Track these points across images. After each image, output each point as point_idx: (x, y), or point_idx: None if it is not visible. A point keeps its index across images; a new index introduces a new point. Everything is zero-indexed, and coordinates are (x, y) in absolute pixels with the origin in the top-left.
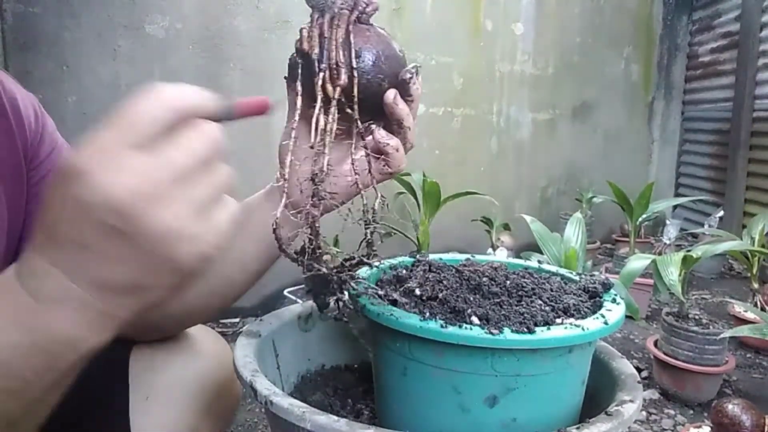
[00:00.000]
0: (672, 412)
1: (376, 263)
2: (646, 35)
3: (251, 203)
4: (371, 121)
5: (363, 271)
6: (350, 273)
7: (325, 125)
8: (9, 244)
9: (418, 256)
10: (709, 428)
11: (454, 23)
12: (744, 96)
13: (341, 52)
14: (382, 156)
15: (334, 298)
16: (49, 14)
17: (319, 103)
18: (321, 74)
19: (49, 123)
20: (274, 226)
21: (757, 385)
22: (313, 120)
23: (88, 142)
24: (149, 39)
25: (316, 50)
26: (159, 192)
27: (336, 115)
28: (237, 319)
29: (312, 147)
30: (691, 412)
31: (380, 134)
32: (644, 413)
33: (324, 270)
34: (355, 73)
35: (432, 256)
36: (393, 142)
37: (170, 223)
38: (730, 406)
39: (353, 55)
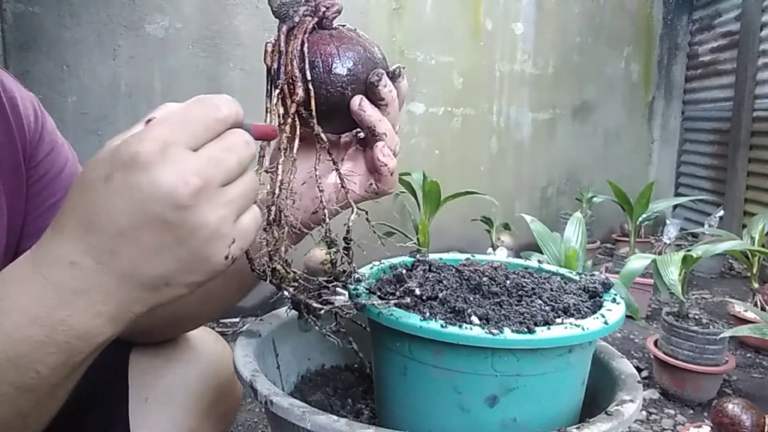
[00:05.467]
0: (672, 411)
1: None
2: (646, 35)
3: None
4: (356, 131)
5: (364, 271)
6: (318, 298)
7: (279, 145)
8: (9, 243)
9: (418, 256)
10: (709, 428)
11: (454, 23)
12: (744, 96)
13: (295, 65)
14: (375, 174)
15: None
16: (49, 14)
17: (279, 120)
18: (276, 90)
19: (49, 122)
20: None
21: (757, 384)
22: (274, 141)
23: (139, 134)
24: (149, 39)
25: (274, 65)
26: (211, 192)
27: (298, 131)
28: (237, 319)
29: (266, 170)
30: (691, 411)
31: (383, 152)
32: (644, 413)
33: (291, 293)
34: (310, 86)
35: (432, 256)
36: (391, 164)
37: (216, 221)
38: (730, 406)
39: (308, 66)
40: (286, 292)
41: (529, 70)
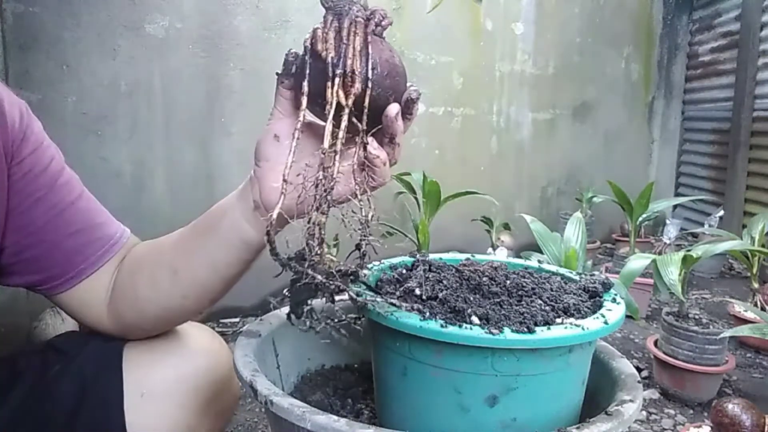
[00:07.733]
0: (672, 411)
1: (368, 268)
2: (646, 35)
3: (223, 206)
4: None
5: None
6: (342, 284)
7: (334, 132)
8: None
9: (418, 256)
10: (709, 428)
11: (454, 23)
12: (744, 96)
13: (358, 61)
14: (368, 167)
15: (308, 308)
16: (49, 14)
17: (333, 109)
18: (336, 80)
19: (36, 125)
20: (268, 228)
21: (757, 384)
22: (328, 126)
23: None
24: (149, 39)
25: (332, 54)
26: None
27: (346, 122)
28: (237, 319)
29: (323, 152)
30: (691, 411)
31: (373, 146)
32: (644, 413)
33: (319, 279)
34: (369, 84)
35: (432, 256)
36: (383, 155)
37: None
38: (730, 406)
39: (370, 65)
40: (317, 279)
41: (529, 70)
